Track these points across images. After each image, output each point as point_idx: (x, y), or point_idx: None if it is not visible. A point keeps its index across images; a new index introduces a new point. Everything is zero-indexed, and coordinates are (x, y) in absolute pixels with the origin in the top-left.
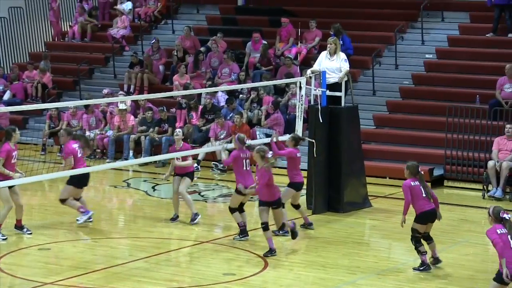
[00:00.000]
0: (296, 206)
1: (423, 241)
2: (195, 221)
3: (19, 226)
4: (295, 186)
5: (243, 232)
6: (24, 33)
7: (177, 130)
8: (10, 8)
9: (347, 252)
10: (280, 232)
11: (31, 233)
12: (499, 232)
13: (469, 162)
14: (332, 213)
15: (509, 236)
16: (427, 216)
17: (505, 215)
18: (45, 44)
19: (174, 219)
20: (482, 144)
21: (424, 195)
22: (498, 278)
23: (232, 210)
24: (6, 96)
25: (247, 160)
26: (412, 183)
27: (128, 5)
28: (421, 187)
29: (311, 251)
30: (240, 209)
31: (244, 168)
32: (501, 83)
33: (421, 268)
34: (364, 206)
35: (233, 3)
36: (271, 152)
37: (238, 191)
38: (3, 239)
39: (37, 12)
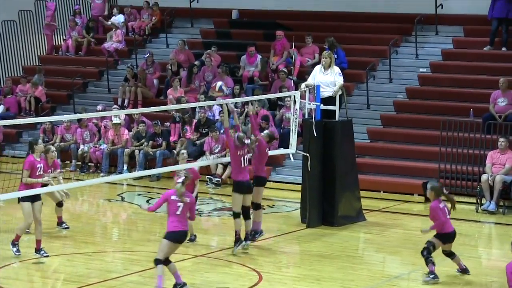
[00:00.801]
0: (257, 206)
1: (446, 257)
2: (193, 242)
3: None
4: (261, 180)
5: (237, 240)
6: (18, 47)
7: (183, 151)
8: (3, 22)
9: (341, 266)
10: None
11: (47, 256)
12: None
13: (462, 176)
14: (326, 226)
15: None
16: (450, 237)
17: None
18: (38, 58)
19: (192, 240)
20: (476, 158)
21: (448, 216)
22: None
23: (235, 215)
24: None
25: (245, 157)
26: (441, 205)
27: (120, 18)
28: (445, 208)
29: (305, 264)
30: (245, 215)
31: (242, 165)
32: (495, 97)
33: (431, 276)
34: (358, 220)
35: (227, 16)
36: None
37: (235, 189)
38: (17, 254)
39: (31, 26)
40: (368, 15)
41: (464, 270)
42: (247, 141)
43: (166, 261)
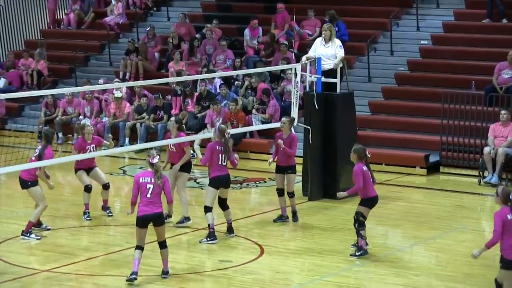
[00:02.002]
0: (292, 194)
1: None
2: (182, 224)
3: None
4: (292, 168)
5: (211, 235)
6: (20, 21)
7: (172, 119)
8: None
9: (344, 239)
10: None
11: (49, 229)
12: (509, 217)
13: (465, 148)
14: (327, 199)
15: None
16: (374, 201)
17: None
18: (40, 31)
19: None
20: (478, 130)
21: (371, 180)
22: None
23: (207, 209)
24: (1, 84)
25: (223, 155)
26: (364, 168)
27: None
28: (369, 171)
29: (307, 237)
30: (223, 205)
31: (220, 162)
32: (500, 68)
33: (357, 254)
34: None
35: None
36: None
37: (211, 185)
38: (38, 239)
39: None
40: None
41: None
42: (227, 135)
43: (160, 244)
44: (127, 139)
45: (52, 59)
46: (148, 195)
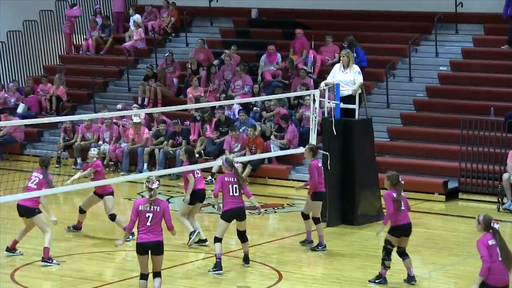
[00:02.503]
0: (317, 220)
1: (399, 257)
2: (192, 239)
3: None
4: (318, 195)
5: (217, 265)
6: (38, 46)
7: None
8: (24, 21)
9: (362, 265)
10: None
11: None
12: (490, 243)
13: (483, 175)
14: (346, 225)
15: (497, 248)
16: (403, 230)
17: (495, 225)
18: (59, 57)
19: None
20: (497, 157)
21: (403, 207)
22: None
23: (216, 239)
24: (21, 109)
25: (235, 186)
26: (394, 194)
27: (138, 17)
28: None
29: (326, 263)
30: (241, 237)
31: (231, 193)
32: None
33: (376, 281)
34: (378, 219)
35: (246, 15)
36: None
37: (222, 217)
38: (57, 264)
39: (51, 25)
40: (388, 13)
41: (411, 278)
42: (236, 165)
43: (154, 274)
44: (145, 165)
45: (70, 85)
46: (148, 223)
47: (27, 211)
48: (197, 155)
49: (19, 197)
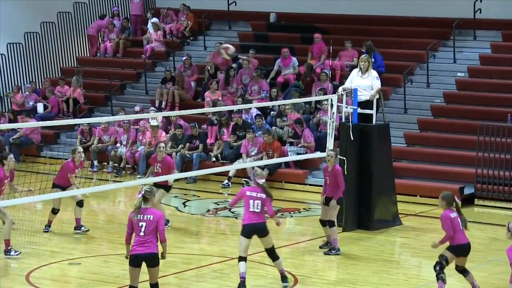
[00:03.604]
0: (331, 223)
1: (459, 274)
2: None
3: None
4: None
5: (241, 285)
6: (56, 48)
7: (161, 145)
8: (42, 23)
9: (377, 270)
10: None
11: (18, 253)
12: None
13: (500, 181)
14: (362, 230)
15: None
16: (463, 250)
17: None
18: (77, 59)
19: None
20: None
21: (461, 227)
22: None
23: (239, 258)
24: (40, 109)
25: (256, 201)
26: (451, 215)
27: (156, 20)
28: (459, 218)
29: (341, 268)
30: (271, 256)
31: (252, 208)
32: None
33: None
34: (394, 224)
35: (265, 19)
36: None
37: (241, 233)
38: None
39: (69, 27)
40: (406, 19)
41: None
42: (260, 181)
43: (152, 286)
44: None
45: (88, 87)
46: (142, 233)
47: None
48: (213, 159)
49: (36, 199)
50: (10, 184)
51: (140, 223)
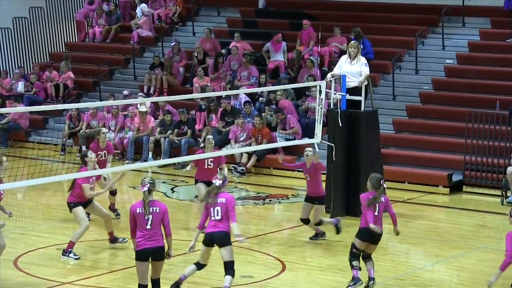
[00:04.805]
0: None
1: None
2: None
3: (112, 239)
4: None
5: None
6: (45, 33)
7: (210, 136)
8: (31, 8)
9: None
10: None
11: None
12: None
13: (488, 168)
14: (350, 217)
15: None
16: (369, 235)
17: None
18: (65, 44)
19: None
20: (502, 150)
21: (376, 213)
22: None
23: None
24: (20, 87)
25: (215, 209)
26: (370, 196)
27: (145, 6)
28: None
29: (330, 254)
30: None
31: (213, 217)
32: None
33: (351, 284)
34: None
35: (253, 6)
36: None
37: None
38: (76, 259)
39: (58, 12)
40: (395, 5)
41: (370, 279)
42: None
43: (154, 282)
44: (150, 154)
45: (76, 72)
46: (148, 226)
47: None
48: (202, 144)
49: (23, 184)
50: None
51: (147, 216)
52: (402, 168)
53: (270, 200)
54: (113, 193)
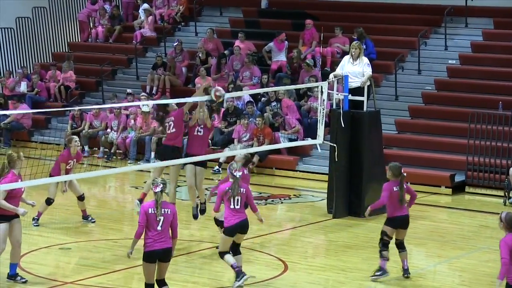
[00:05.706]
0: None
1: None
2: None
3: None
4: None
5: (239, 274)
6: (48, 33)
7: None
8: (34, 8)
9: (367, 257)
10: None
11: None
12: None
13: (490, 169)
14: (352, 217)
15: None
16: (398, 222)
17: None
18: (68, 44)
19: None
20: (505, 151)
21: (400, 200)
22: None
23: (221, 254)
24: (23, 87)
25: (236, 197)
26: (395, 188)
27: (147, 6)
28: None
29: (331, 255)
30: (235, 250)
31: (232, 205)
32: None
33: (377, 274)
34: (385, 211)
35: (256, 6)
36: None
37: (224, 232)
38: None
39: (61, 12)
40: (397, 6)
41: (405, 271)
42: (237, 173)
43: (160, 282)
44: (153, 154)
45: (79, 72)
46: (159, 228)
47: None
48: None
49: (26, 184)
50: None
51: (158, 217)
52: (404, 169)
53: (272, 200)
54: (81, 197)
